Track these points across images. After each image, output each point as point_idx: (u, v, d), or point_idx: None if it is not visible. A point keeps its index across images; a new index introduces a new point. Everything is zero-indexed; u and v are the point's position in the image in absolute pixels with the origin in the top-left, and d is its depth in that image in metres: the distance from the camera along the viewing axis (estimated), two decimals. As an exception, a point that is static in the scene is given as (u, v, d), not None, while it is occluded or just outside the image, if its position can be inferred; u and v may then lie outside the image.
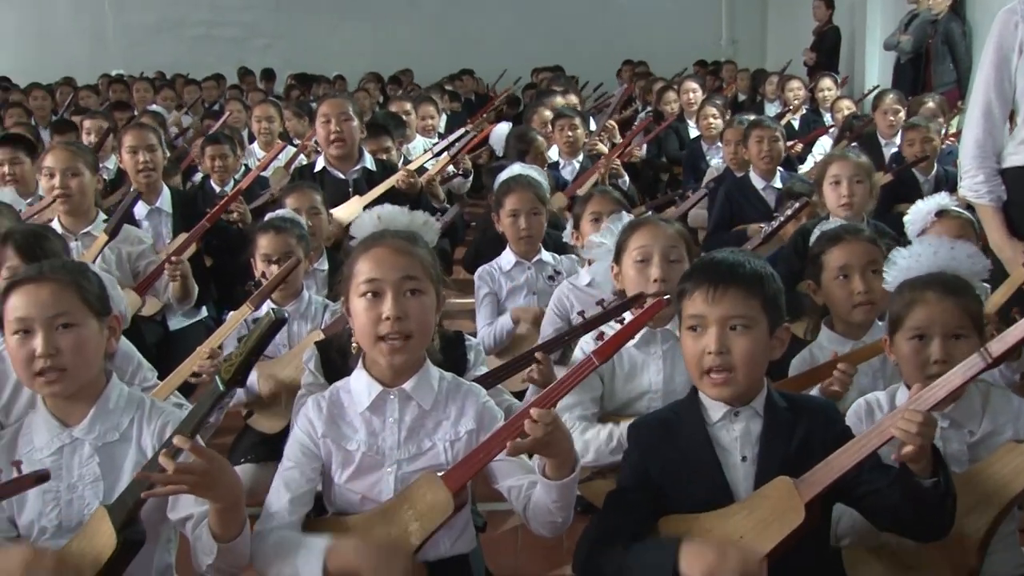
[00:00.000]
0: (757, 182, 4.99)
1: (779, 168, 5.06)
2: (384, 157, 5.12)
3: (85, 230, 3.85)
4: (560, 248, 4.09)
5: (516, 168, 4.21)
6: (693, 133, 7.22)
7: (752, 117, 5.53)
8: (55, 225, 3.78)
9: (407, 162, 5.23)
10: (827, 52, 10.32)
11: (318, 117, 4.65)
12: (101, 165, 4.59)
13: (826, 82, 8.07)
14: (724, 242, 4.67)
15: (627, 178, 5.64)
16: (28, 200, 4.45)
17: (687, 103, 7.68)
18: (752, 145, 5.00)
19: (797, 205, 3.82)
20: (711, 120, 6.64)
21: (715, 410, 2.03)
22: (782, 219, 3.81)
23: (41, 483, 1.81)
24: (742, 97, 10.26)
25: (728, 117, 6.49)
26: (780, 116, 7.40)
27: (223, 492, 1.81)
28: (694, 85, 7.91)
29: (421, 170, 4.88)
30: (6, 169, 4.63)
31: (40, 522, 1.99)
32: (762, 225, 4.16)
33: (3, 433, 2.10)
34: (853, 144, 5.89)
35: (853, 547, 2.15)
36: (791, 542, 1.84)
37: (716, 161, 6.24)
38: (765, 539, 1.85)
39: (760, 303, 1.98)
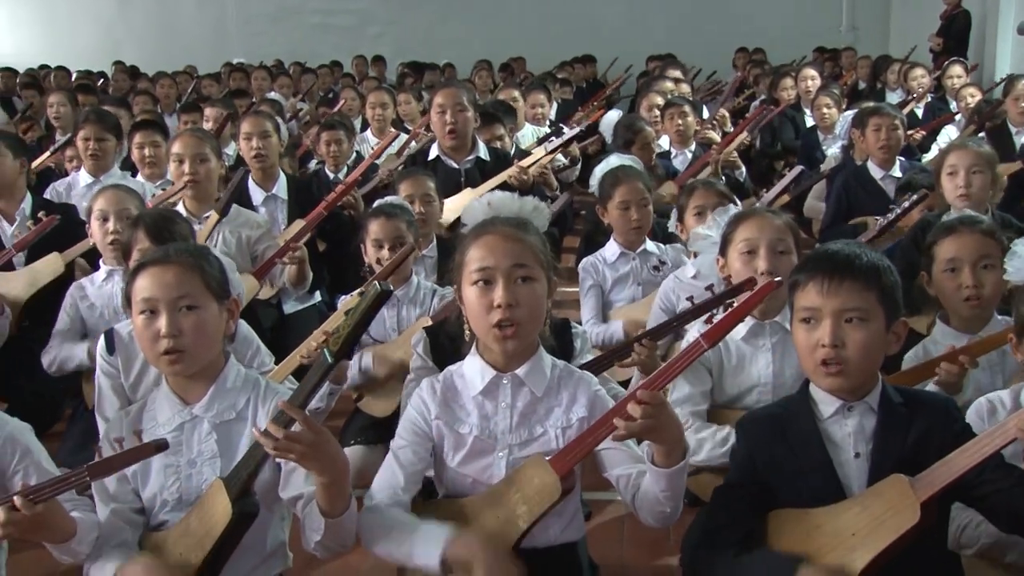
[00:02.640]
0: (875, 172, 4.83)
1: (900, 157, 4.89)
2: (497, 145, 5.15)
3: (207, 214, 3.98)
4: (668, 237, 4.05)
5: (613, 160, 4.18)
6: (809, 122, 7.05)
7: (871, 105, 5.35)
8: (180, 209, 3.93)
9: (517, 150, 5.25)
10: (955, 38, 9.91)
11: (433, 107, 4.70)
12: (222, 151, 4.74)
13: (955, 69, 7.74)
14: (841, 234, 4.56)
15: (744, 169, 5.53)
16: (158, 183, 4.63)
17: (804, 91, 7.49)
18: (869, 134, 4.85)
19: (915, 197, 3.69)
20: (825, 111, 6.46)
21: (827, 405, 1.99)
22: (899, 211, 3.69)
23: (160, 452, 1.87)
24: (862, 85, 9.94)
25: (845, 106, 6.30)
26: (903, 104, 7.14)
27: (328, 464, 1.84)
28: (813, 72, 7.71)
29: (526, 156, 4.88)
30: (146, 152, 4.82)
31: (162, 495, 2.06)
32: (878, 217, 4.03)
33: (130, 408, 2.19)
34: (980, 133, 5.65)
35: (976, 559, 2.08)
36: (904, 542, 1.80)
37: (833, 150, 6.08)
38: (878, 538, 1.81)
39: (876, 296, 1.93)
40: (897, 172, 4.79)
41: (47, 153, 5.66)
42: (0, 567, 2.17)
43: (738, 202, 3.42)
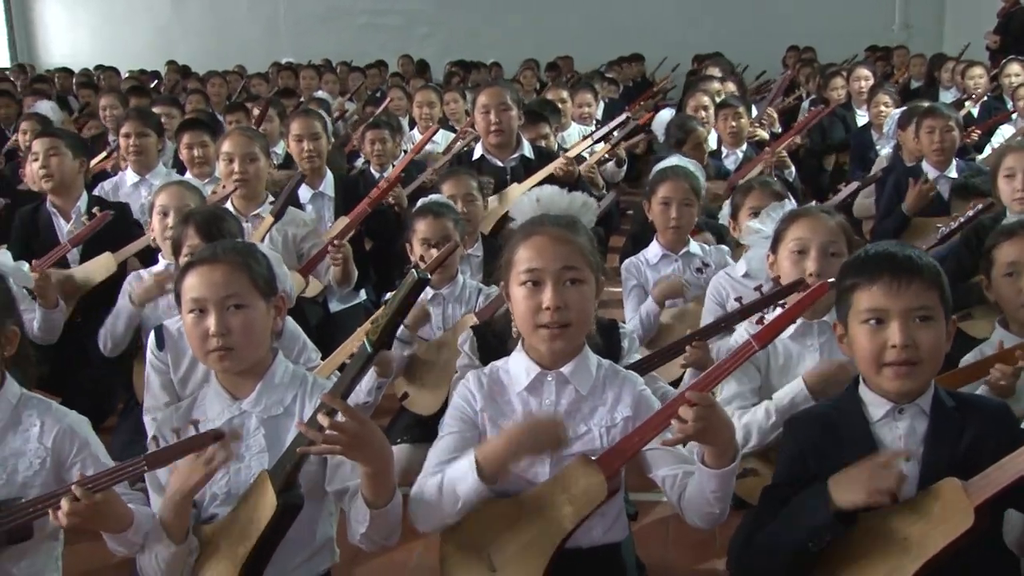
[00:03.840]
0: (930, 172, 4.74)
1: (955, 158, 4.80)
2: (542, 144, 5.15)
3: (255, 212, 4.03)
4: (718, 237, 4.01)
5: (673, 160, 4.16)
6: (861, 121, 6.94)
7: (926, 104, 5.26)
8: (228, 207, 3.97)
9: (563, 150, 5.24)
10: (1014, 35, 9.67)
11: (477, 107, 4.70)
12: (271, 150, 4.79)
13: (1014, 67, 7.55)
14: (884, 231, 4.51)
15: (794, 169, 5.47)
16: (206, 181, 4.69)
17: (857, 91, 7.36)
18: (923, 136, 4.77)
19: (980, 207, 3.63)
20: (882, 108, 6.36)
21: (877, 407, 1.97)
22: (963, 220, 3.63)
23: (216, 441, 1.89)
24: (915, 84, 9.77)
25: (900, 105, 6.20)
26: (958, 104, 7.01)
27: (373, 455, 1.85)
28: (866, 72, 7.56)
29: (580, 158, 4.87)
30: (195, 152, 4.89)
31: (211, 489, 2.08)
32: (934, 219, 3.97)
33: (181, 404, 2.23)
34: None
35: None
36: (957, 546, 1.77)
37: (886, 151, 5.98)
38: (931, 542, 1.78)
39: (939, 295, 1.92)
40: (953, 172, 4.71)
41: (102, 155, 5.75)
42: (56, 559, 2.21)
43: (794, 202, 3.37)
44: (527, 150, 4.75)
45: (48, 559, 2.17)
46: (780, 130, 6.61)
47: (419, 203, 3.66)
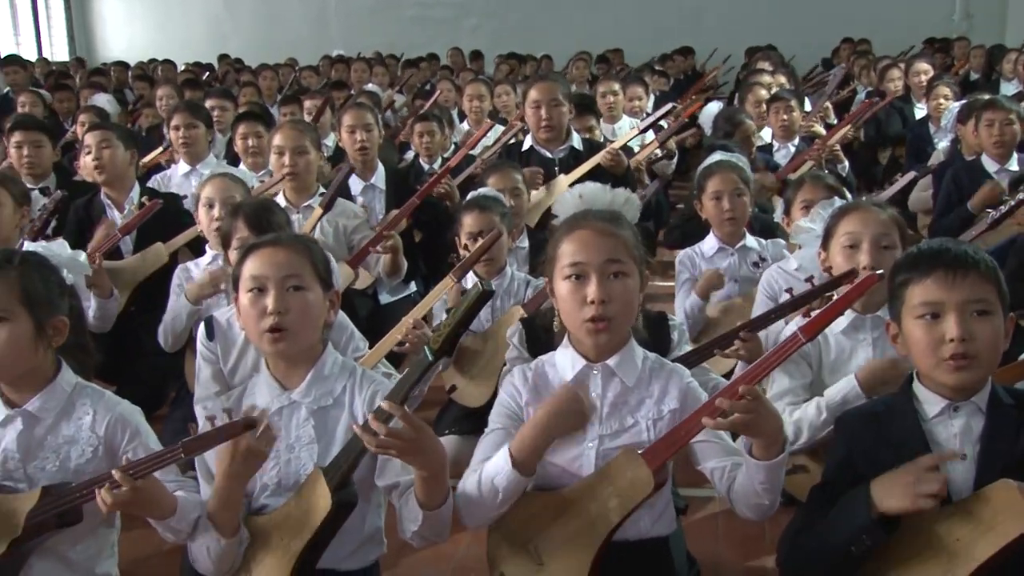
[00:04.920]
0: (990, 165, 4.65)
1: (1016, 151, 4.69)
2: (588, 136, 5.13)
3: (306, 203, 4.06)
4: (768, 232, 3.97)
5: (717, 156, 4.11)
6: (919, 114, 6.81)
7: (986, 97, 5.14)
8: (279, 199, 4.01)
9: (611, 143, 5.21)
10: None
11: (527, 101, 4.70)
12: (321, 142, 4.83)
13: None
14: (947, 226, 4.41)
15: (847, 163, 5.38)
16: (260, 172, 4.74)
17: (916, 85, 7.22)
18: (982, 129, 4.68)
19: None
20: (942, 101, 6.23)
21: (932, 404, 1.93)
22: (1013, 203, 3.54)
23: (249, 430, 1.90)
24: (974, 76, 9.56)
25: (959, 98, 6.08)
26: (1020, 96, 6.84)
27: (428, 460, 1.87)
28: (925, 66, 7.40)
29: (627, 150, 4.84)
30: (249, 142, 4.96)
31: (261, 479, 2.10)
32: (988, 210, 3.87)
33: (231, 392, 2.25)
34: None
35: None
36: (1011, 551, 1.73)
37: (943, 143, 5.86)
38: (985, 544, 1.75)
39: (996, 290, 1.88)
40: (1014, 166, 4.61)
41: (159, 150, 5.84)
42: (112, 544, 2.25)
43: (848, 196, 3.32)
44: (576, 142, 4.74)
45: (104, 544, 2.21)
46: (834, 123, 6.51)
47: (468, 197, 3.67)
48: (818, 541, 1.91)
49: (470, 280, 3.29)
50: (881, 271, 2.07)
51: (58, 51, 15.27)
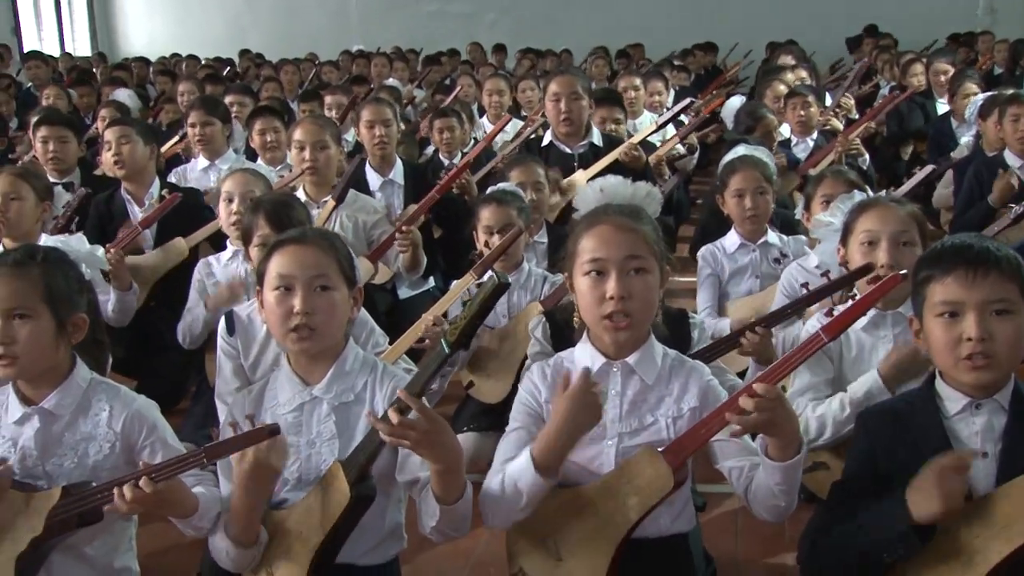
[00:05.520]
0: (1013, 161, 4.60)
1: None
2: (612, 128, 5.11)
3: (325, 199, 4.06)
4: (788, 228, 3.94)
5: (740, 149, 4.09)
6: (941, 109, 6.74)
7: (1009, 92, 5.09)
8: (299, 194, 4.02)
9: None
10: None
11: (548, 94, 4.69)
12: (342, 137, 4.83)
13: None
14: (969, 221, 4.38)
15: (867, 157, 5.35)
16: (278, 168, 4.75)
17: (937, 84, 7.15)
18: (1007, 124, 4.62)
19: None
20: (969, 96, 6.15)
21: (954, 402, 1.92)
22: (1037, 198, 3.51)
23: (273, 436, 1.91)
24: (998, 70, 9.46)
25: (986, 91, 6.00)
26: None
27: (442, 453, 1.86)
28: (945, 67, 7.29)
29: (647, 144, 4.82)
30: (268, 137, 4.97)
31: (282, 474, 2.09)
32: (1011, 205, 3.84)
33: (252, 388, 2.25)
34: None
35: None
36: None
37: (966, 139, 5.81)
38: (1002, 543, 1.74)
39: (1018, 288, 1.86)
40: (1039, 160, 4.55)
41: (174, 140, 5.87)
42: (130, 538, 2.26)
43: (869, 191, 3.30)
44: (596, 137, 4.73)
45: (122, 539, 2.22)
46: (857, 118, 6.46)
47: (485, 191, 3.66)
48: (847, 542, 1.89)
49: (488, 276, 3.28)
50: (904, 271, 2.05)
51: (80, 46, 15.38)
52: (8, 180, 3.53)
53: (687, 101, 5.53)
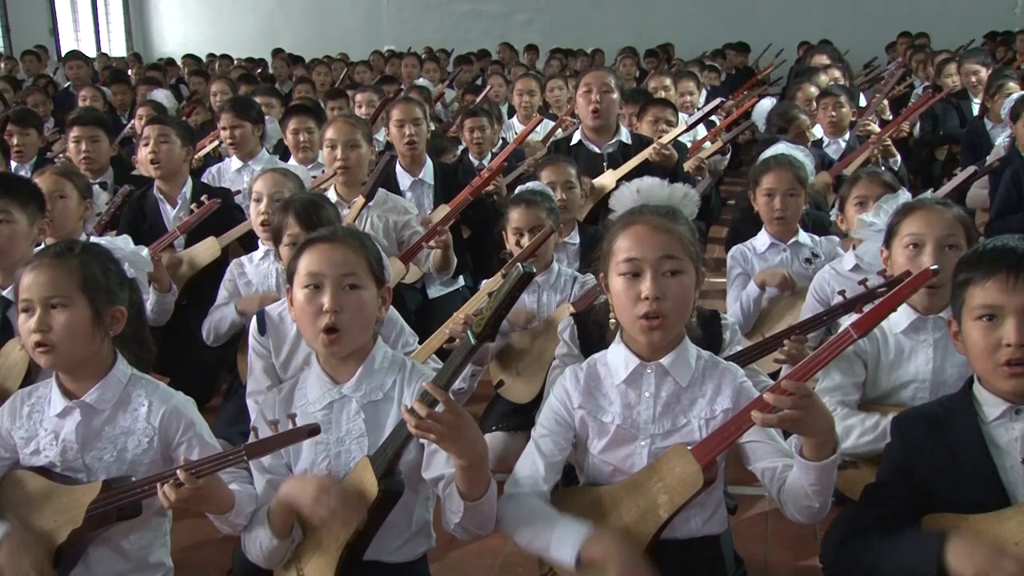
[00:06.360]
0: (1049, 164, 4.54)
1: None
2: (663, 129, 5.10)
3: (356, 198, 4.08)
4: (821, 228, 3.91)
5: (780, 147, 4.06)
6: (976, 110, 6.66)
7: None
8: (330, 194, 4.04)
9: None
10: None
11: (580, 87, 4.68)
12: (373, 137, 4.85)
13: None
14: (1009, 227, 4.31)
15: (899, 158, 5.30)
16: (310, 167, 4.78)
17: (970, 85, 7.06)
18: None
19: None
20: (1009, 94, 6.06)
21: (993, 407, 1.89)
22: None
23: (312, 436, 1.94)
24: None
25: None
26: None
27: (467, 448, 1.86)
28: (975, 67, 7.21)
29: (679, 145, 4.80)
30: (301, 137, 5.01)
31: (312, 471, 2.12)
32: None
33: (283, 386, 2.27)
34: None
35: None
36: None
37: (1001, 139, 5.73)
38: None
39: None
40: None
41: (211, 143, 5.92)
42: (165, 534, 2.29)
43: (907, 192, 3.27)
44: (625, 136, 4.71)
45: (157, 534, 2.25)
46: (890, 119, 6.41)
47: (514, 192, 3.66)
48: (875, 560, 1.86)
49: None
50: (936, 266, 2.03)
51: (115, 47, 15.57)
52: (52, 179, 3.58)
53: (718, 101, 5.49)
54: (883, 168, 4.55)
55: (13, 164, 5.20)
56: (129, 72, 10.81)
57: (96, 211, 3.81)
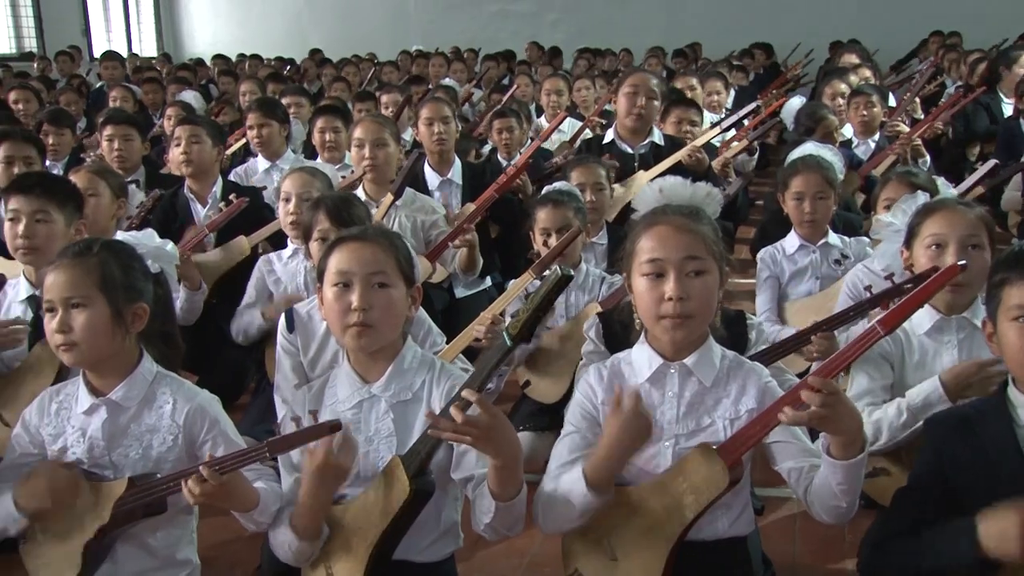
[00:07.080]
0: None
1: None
2: (687, 130, 5.10)
3: (384, 197, 4.09)
4: (851, 229, 3.88)
5: (809, 147, 4.03)
6: (1008, 110, 6.58)
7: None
8: (359, 192, 4.05)
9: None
10: None
11: (623, 86, 4.68)
12: (400, 136, 4.87)
13: None
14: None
15: (928, 158, 5.24)
16: (337, 166, 4.80)
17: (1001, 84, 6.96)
18: (1080, 123, 4.50)
19: None
20: None
21: None
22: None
23: (334, 432, 1.94)
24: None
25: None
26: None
27: (502, 448, 1.86)
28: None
29: (708, 146, 4.79)
30: (327, 136, 5.03)
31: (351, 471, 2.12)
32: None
33: (313, 384, 2.28)
34: None
35: None
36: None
37: (1035, 139, 5.67)
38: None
39: None
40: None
41: (240, 142, 5.96)
42: (191, 531, 2.31)
43: (939, 192, 3.23)
44: (657, 137, 4.71)
45: (184, 532, 2.27)
46: (921, 118, 6.34)
47: (542, 192, 3.66)
48: (911, 560, 1.86)
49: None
50: (963, 261, 2.01)
51: (146, 47, 15.73)
52: (86, 177, 3.62)
53: (753, 105, 5.47)
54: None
55: (47, 163, 5.26)
56: (161, 71, 10.92)
57: (130, 211, 3.84)
